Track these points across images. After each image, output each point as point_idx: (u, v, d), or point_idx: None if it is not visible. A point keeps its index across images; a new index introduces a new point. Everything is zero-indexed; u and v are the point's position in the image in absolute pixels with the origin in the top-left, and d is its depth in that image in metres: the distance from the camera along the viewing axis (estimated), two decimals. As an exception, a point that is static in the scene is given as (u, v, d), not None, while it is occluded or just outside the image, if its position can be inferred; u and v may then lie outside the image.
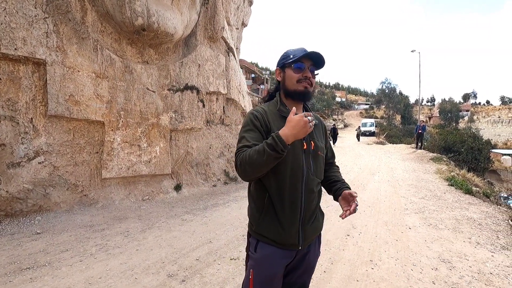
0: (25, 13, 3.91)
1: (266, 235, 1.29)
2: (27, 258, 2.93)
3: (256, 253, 1.32)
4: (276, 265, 1.30)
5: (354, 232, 3.94)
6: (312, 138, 1.36)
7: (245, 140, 1.26)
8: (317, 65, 1.35)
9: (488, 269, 2.97)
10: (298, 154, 1.29)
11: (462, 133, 18.76)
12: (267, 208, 1.29)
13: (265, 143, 1.13)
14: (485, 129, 47.67)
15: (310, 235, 1.35)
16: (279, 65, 1.38)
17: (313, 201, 1.35)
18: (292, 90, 1.33)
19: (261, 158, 1.13)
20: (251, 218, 1.37)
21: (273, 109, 1.36)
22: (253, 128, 1.28)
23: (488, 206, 5.63)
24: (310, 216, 1.35)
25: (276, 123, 1.30)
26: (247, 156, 1.17)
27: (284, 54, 1.38)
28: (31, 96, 4.09)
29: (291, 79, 1.33)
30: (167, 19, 4.79)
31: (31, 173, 4.10)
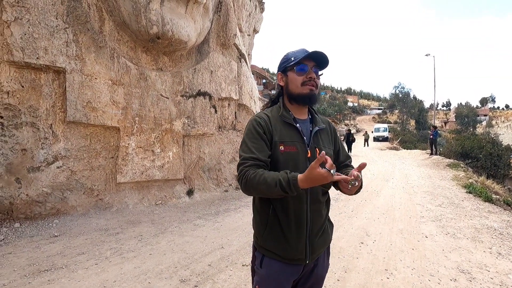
0: (47, 23, 4.08)
1: (271, 249, 1.23)
2: (45, 260, 3.02)
3: (261, 269, 1.26)
4: (283, 282, 1.24)
5: (368, 240, 3.86)
6: (317, 145, 1.28)
7: (248, 150, 1.20)
8: (320, 65, 1.26)
9: (511, 281, 2.84)
10: (302, 162, 1.22)
11: (480, 139, 18.17)
12: (272, 221, 1.23)
13: (279, 182, 1.06)
14: (505, 134, 45.97)
15: (319, 248, 1.28)
16: (280, 69, 1.31)
17: (320, 212, 1.27)
18: (296, 94, 1.26)
19: (268, 190, 1.09)
20: (256, 231, 1.30)
21: (276, 115, 1.28)
22: (256, 136, 1.22)
23: (510, 215, 5.40)
24: (319, 228, 1.27)
25: (278, 129, 1.24)
26: (255, 181, 1.11)
27: (284, 57, 1.31)
28: (51, 103, 4.24)
29: (295, 82, 1.25)
30: (181, 27, 4.89)
31: (50, 177, 4.23)
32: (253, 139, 1.22)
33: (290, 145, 1.22)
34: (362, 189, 1.27)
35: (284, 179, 1.06)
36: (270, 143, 1.23)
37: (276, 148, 1.22)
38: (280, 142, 1.22)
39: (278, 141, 1.22)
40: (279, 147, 1.21)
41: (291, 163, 1.21)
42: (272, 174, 1.11)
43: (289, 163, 1.20)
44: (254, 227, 1.33)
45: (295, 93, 1.27)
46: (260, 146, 1.21)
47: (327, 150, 1.31)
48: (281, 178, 1.07)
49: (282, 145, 1.22)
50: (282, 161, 1.21)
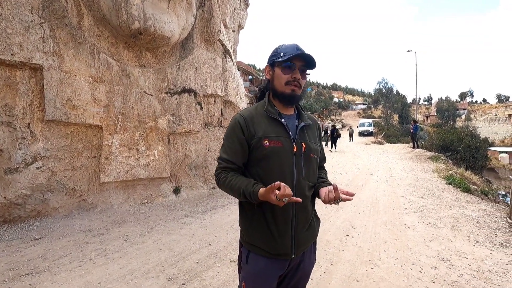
0: (21, 18, 3.91)
1: (257, 245, 1.24)
2: (25, 264, 2.92)
3: (247, 265, 1.27)
4: (269, 278, 1.25)
5: (353, 232, 3.95)
6: (303, 140, 1.28)
7: (224, 150, 1.28)
8: (308, 65, 1.26)
9: (487, 267, 2.99)
10: (288, 157, 1.22)
11: (459, 132, 18.83)
12: (257, 217, 1.23)
13: (242, 192, 1.17)
14: (482, 127, 47.92)
15: (304, 243, 1.29)
16: (269, 62, 1.29)
17: (306, 207, 1.27)
18: (279, 92, 1.26)
19: (234, 195, 1.23)
20: (242, 227, 1.31)
21: (261, 110, 1.28)
22: (233, 138, 1.25)
23: (486, 204, 5.66)
24: (304, 223, 1.28)
25: (263, 125, 1.24)
26: (224, 185, 1.24)
27: (275, 50, 1.29)
28: (28, 101, 4.08)
29: (279, 79, 1.25)
30: (164, 22, 4.79)
31: (29, 178, 4.08)
32: (230, 141, 1.27)
33: (275, 139, 1.22)
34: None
35: (247, 191, 1.16)
36: (252, 140, 1.23)
37: (260, 143, 1.21)
38: (264, 137, 1.22)
39: (262, 136, 1.22)
40: (264, 142, 1.21)
41: (276, 157, 1.21)
42: (239, 183, 1.19)
43: (274, 158, 1.21)
44: (240, 222, 1.34)
45: (278, 90, 1.27)
46: (235, 149, 1.25)
47: (313, 145, 1.32)
48: (244, 190, 1.17)
49: (267, 140, 1.21)
50: (267, 156, 1.21)
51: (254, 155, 1.24)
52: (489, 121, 53.84)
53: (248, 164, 1.27)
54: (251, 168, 1.27)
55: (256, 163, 1.24)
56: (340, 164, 11.21)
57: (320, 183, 1.34)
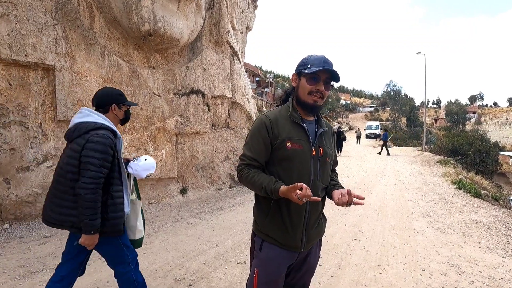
0: (35, 20, 3.99)
1: (271, 235, 1.34)
2: (36, 261, 2.97)
3: (261, 253, 1.37)
4: (280, 266, 1.35)
5: (361, 236, 3.91)
6: (321, 145, 1.38)
7: (249, 147, 1.36)
8: (333, 78, 1.34)
9: (499, 275, 2.92)
10: (307, 160, 1.32)
11: (469, 136, 18.55)
12: (274, 211, 1.33)
13: (265, 186, 1.25)
14: (493, 131, 47.06)
15: (313, 239, 1.40)
16: (296, 71, 1.38)
17: (318, 206, 1.39)
18: (302, 101, 1.35)
19: (255, 191, 1.32)
20: (257, 218, 1.41)
21: (285, 114, 1.37)
22: (258, 137, 1.33)
23: (498, 209, 5.55)
24: (315, 220, 1.39)
25: (286, 128, 1.33)
26: (247, 180, 1.32)
27: (303, 60, 1.37)
28: (40, 101, 4.15)
29: (303, 89, 1.33)
30: (173, 24, 4.84)
31: (40, 177, 4.15)
32: (255, 140, 1.35)
33: (297, 142, 1.31)
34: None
35: (268, 187, 1.24)
36: (275, 140, 1.31)
37: (283, 145, 1.30)
38: (288, 139, 1.31)
39: (286, 138, 1.31)
40: (287, 144, 1.30)
41: (297, 159, 1.30)
42: (261, 179, 1.27)
43: (295, 159, 1.30)
44: (255, 213, 1.43)
45: (301, 99, 1.36)
46: (259, 148, 1.33)
47: (329, 151, 1.43)
48: (266, 186, 1.25)
49: (290, 142, 1.30)
50: (289, 157, 1.30)
51: (276, 155, 1.33)
52: (500, 125, 52.80)
53: (269, 163, 1.36)
54: (271, 167, 1.35)
55: (278, 162, 1.33)
56: (347, 167, 11.13)
57: (332, 186, 1.44)
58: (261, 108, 17.89)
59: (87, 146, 1.67)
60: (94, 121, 1.77)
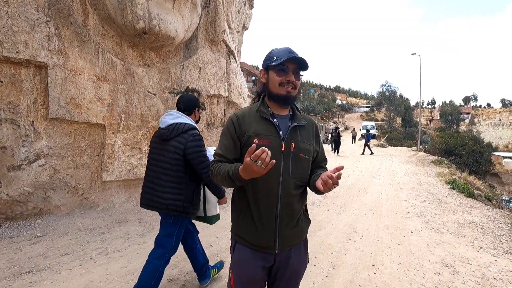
0: (27, 16, 3.92)
1: (242, 236, 1.33)
2: (26, 262, 2.92)
3: (234, 254, 1.37)
4: (253, 267, 1.31)
5: (355, 236, 3.91)
6: (294, 139, 1.31)
7: (219, 146, 1.37)
8: (301, 67, 1.31)
9: (491, 274, 2.95)
10: (276, 155, 1.22)
11: (463, 136, 18.75)
12: (245, 209, 1.32)
13: (227, 172, 1.22)
14: (486, 132, 47.64)
15: (289, 240, 1.33)
16: (263, 66, 1.36)
17: (291, 205, 1.31)
18: (274, 94, 1.32)
19: (223, 180, 1.26)
20: (231, 219, 1.41)
21: (253, 110, 1.36)
22: (227, 133, 1.35)
23: (490, 209, 5.60)
24: (290, 220, 1.31)
25: (254, 124, 1.31)
26: (214, 173, 1.31)
27: (268, 54, 1.35)
28: (32, 99, 4.09)
29: (273, 82, 1.31)
30: (168, 22, 4.80)
31: (31, 176, 4.09)
32: (224, 138, 1.36)
33: (264, 138, 1.28)
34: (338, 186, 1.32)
35: (230, 169, 1.22)
36: (242, 137, 1.31)
37: (250, 141, 1.27)
38: (254, 135, 1.28)
39: (252, 135, 1.28)
40: (253, 140, 1.24)
41: None
42: (226, 167, 1.26)
43: None
44: (231, 215, 1.42)
45: (273, 92, 1.33)
46: (228, 145, 1.33)
47: (305, 145, 1.36)
48: (228, 170, 1.22)
49: (256, 138, 1.26)
50: None
51: (244, 152, 1.28)
52: (493, 126, 53.48)
53: (240, 161, 1.33)
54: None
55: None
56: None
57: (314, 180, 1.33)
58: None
59: (192, 144, 2.07)
60: (186, 122, 2.15)
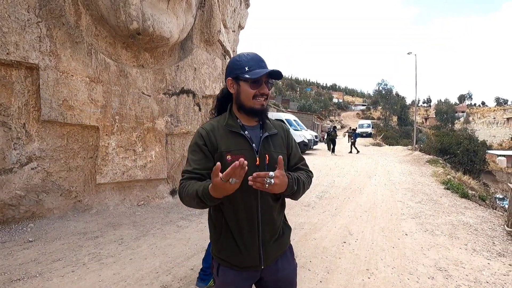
0: (18, 17, 3.84)
1: (225, 258, 1.25)
2: (18, 268, 2.87)
3: (218, 277, 1.28)
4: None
5: (350, 239, 3.92)
6: (267, 151, 1.25)
7: (188, 163, 1.23)
8: (273, 77, 1.24)
9: (484, 278, 2.96)
10: (251, 170, 1.14)
11: (458, 135, 18.89)
12: (225, 230, 1.24)
13: (196, 193, 1.09)
14: (480, 130, 48.08)
15: (273, 253, 1.27)
16: (232, 76, 1.23)
17: (272, 218, 1.26)
18: (248, 107, 1.23)
19: (192, 201, 1.13)
20: (211, 240, 1.32)
21: (223, 123, 1.26)
22: (196, 148, 1.23)
23: (484, 210, 5.64)
24: (272, 234, 1.26)
25: (225, 139, 1.22)
26: (183, 194, 1.15)
27: (236, 62, 1.23)
28: (23, 101, 4.02)
29: (246, 94, 1.21)
30: (163, 23, 4.74)
31: (23, 179, 4.03)
32: (193, 152, 1.24)
33: (237, 153, 1.19)
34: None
35: (199, 189, 1.08)
36: (214, 153, 1.21)
37: (223, 158, 1.18)
38: (226, 151, 1.20)
39: (224, 151, 1.20)
40: (226, 157, 1.18)
41: None
42: (196, 186, 1.11)
43: None
44: (210, 236, 1.34)
45: (246, 105, 1.24)
46: (198, 159, 1.21)
47: (279, 155, 1.25)
48: (197, 189, 1.09)
49: (229, 155, 1.19)
50: None
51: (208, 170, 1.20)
52: (488, 124, 54.00)
53: None
54: None
55: None
56: (339, 166, 11.19)
57: None
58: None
59: None
60: None
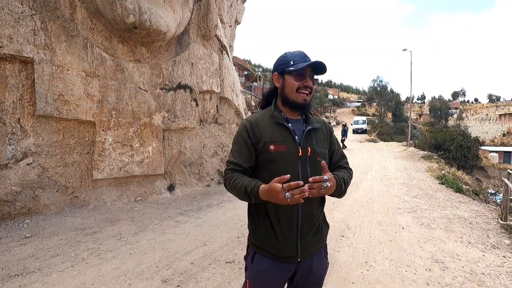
0: (11, 9, 3.76)
1: (262, 246, 1.28)
2: (15, 264, 2.85)
3: (252, 265, 1.31)
4: (273, 279, 1.28)
5: (348, 232, 3.96)
6: (309, 144, 1.28)
7: (232, 154, 1.30)
8: (317, 72, 1.29)
9: (480, 269, 3.02)
10: (293, 161, 1.23)
11: (451, 131, 19.11)
12: (263, 219, 1.27)
13: (244, 189, 1.16)
14: (473, 126, 48.73)
15: (311, 247, 1.30)
16: (278, 71, 1.30)
17: (311, 212, 1.28)
18: (291, 101, 1.28)
19: (238, 195, 1.21)
20: (249, 228, 1.36)
21: (267, 116, 1.31)
22: (240, 141, 1.29)
23: (478, 204, 5.74)
24: (311, 227, 1.29)
25: (269, 130, 1.27)
26: (230, 185, 1.23)
27: (282, 58, 1.30)
28: (18, 96, 3.95)
29: (291, 87, 1.27)
30: (159, 17, 4.69)
31: (19, 175, 3.98)
32: (237, 144, 1.30)
33: (281, 144, 1.25)
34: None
35: (248, 187, 1.15)
36: (257, 144, 1.26)
37: (266, 147, 1.24)
38: (270, 142, 1.25)
39: (268, 141, 1.25)
40: (269, 147, 1.24)
41: (282, 161, 1.23)
42: (244, 181, 1.19)
43: (280, 162, 1.23)
44: (248, 225, 1.37)
45: (290, 98, 1.29)
46: (242, 152, 1.28)
47: (320, 149, 1.33)
48: (247, 185, 1.15)
49: (273, 145, 1.24)
50: (273, 160, 1.24)
51: (260, 159, 1.27)
52: (480, 121, 54.74)
53: (256, 168, 1.30)
54: (258, 172, 1.30)
55: (263, 167, 1.27)
56: (335, 162, 11.24)
57: None
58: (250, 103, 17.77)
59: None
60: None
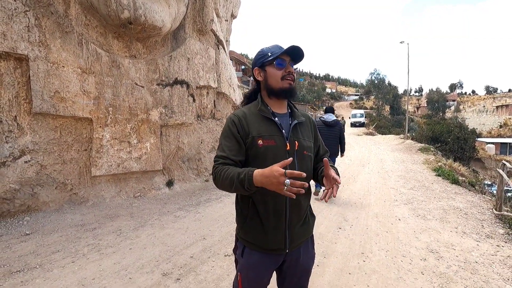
0: (4, 6, 3.72)
1: (251, 241, 1.30)
2: (17, 260, 2.88)
3: (242, 259, 1.34)
4: (263, 271, 1.32)
5: (345, 224, 4.01)
6: (296, 138, 1.31)
7: (221, 148, 1.28)
8: (295, 59, 1.31)
9: (473, 258, 3.09)
10: (281, 155, 1.24)
11: (448, 123, 19.18)
12: (252, 213, 1.28)
13: (237, 175, 1.12)
14: (471, 118, 48.93)
15: (298, 238, 1.33)
16: (258, 65, 1.33)
17: (299, 204, 1.31)
18: (278, 88, 1.29)
19: (230, 185, 1.16)
20: (237, 223, 1.36)
21: (254, 110, 1.32)
22: (229, 134, 1.28)
23: (474, 195, 5.82)
24: (298, 219, 1.32)
25: (256, 125, 1.27)
26: (220, 176, 1.19)
27: (260, 53, 1.33)
28: (14, 93, 3.94)
29: (274, 76, 1.28)
30: (155, 11, 4.65)
31: (17, 172, 3.98)
32: (226, 138, 1.29)
33: (268, 138, 1.26)
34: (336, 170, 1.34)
35: (242, 173, 1.12)
36: (246, 139, 1.26)
37: (254, 142, 1.25)
38: (258, 136, 1.25)
39: (256, 136, 1.25)
40: (258, 141, 1.24)
41: (271, 156, 1.24)
42: (236, 169, 1.16)
43: (268, 156, 1.24)
44: (236, 218, 1.38)
45: (276, 87, 1.29)
46: (231, 145, 1.26)
47: (307, 143, 1.35)
48: (240, 172, 1.13)
49: (261, 139, 1.25)
50: (262, 155, 1.25)
51: (249, 154, 1.27)
52: (478, 112, 54.96)
53: (245, 163, 1.31)
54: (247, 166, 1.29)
55: (252, 162, 1.27)
56: (333, 155, 11.31)
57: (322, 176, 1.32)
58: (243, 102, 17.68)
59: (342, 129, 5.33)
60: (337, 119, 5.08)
